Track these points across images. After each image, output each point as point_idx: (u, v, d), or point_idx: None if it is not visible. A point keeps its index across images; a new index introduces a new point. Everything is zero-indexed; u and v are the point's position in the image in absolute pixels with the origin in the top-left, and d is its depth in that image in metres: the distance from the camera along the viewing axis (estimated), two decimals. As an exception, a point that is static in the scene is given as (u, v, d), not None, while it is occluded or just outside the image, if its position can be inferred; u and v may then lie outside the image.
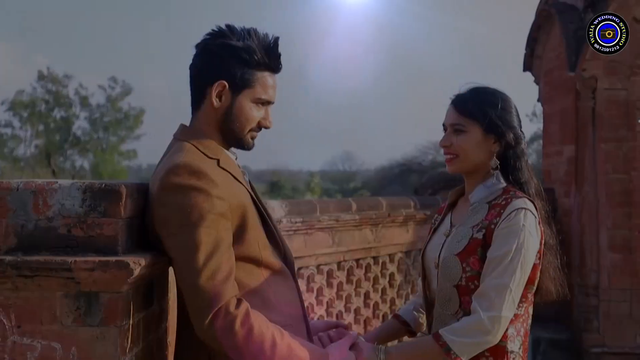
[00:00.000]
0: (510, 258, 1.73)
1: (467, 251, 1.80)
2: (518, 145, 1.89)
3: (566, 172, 5.84)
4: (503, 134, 1.86)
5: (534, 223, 1.79)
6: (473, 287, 1.78)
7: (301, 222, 3.43)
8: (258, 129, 1.82)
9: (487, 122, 1.86)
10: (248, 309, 1.59)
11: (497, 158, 1.88)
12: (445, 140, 1.91)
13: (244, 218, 1.69)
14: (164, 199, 1.62)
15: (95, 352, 1.58)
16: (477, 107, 1.88)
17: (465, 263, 1.80)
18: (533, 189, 1.88)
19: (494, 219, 1.80)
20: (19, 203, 1.62)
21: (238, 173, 1.78)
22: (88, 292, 1.58)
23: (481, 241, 1.79)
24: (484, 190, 1.89)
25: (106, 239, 1.62)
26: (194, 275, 1.57)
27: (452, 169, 1.91)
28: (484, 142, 1.87)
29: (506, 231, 1.76)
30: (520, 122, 1.94)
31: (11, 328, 1.59)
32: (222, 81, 1.73)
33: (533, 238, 1.78)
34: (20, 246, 1.62)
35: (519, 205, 1.78)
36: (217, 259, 1.58)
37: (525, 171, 1.89)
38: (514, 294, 1.73)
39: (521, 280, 1.76)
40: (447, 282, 1.84)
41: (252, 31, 1.76)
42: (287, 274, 1.85)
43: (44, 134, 36.77)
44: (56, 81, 36.28)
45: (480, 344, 1.72)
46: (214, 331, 1.57)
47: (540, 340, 5.42)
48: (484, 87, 1.94)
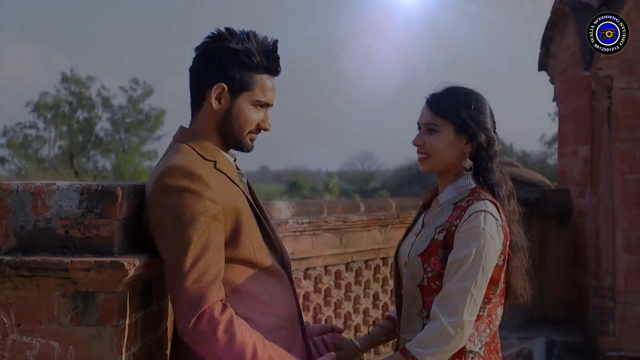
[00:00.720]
0: (471, 261, 1.73)
1: (429, 252, 1.82)
2: (490, 146, 1.89)
3: (581, 173, 5.77)
4: (475, 135, 1.87)
5: (494, 225, 1.79)
6: (435, 288, 1.81)
7: (308, 222, 3.43)
8: (257, 131, 1.83)
9: (460, 123, 1.86)
10: (232, 316, 1.60)
11: (470, 159, 1.88)
12: (418, 140, 1.92)
13: (238, 221, 1.71)
14: (157, 200, 1.64)
15: (92, 351, 1.61)
16: (450, 107, 1.88)
17: (427, 264, 1.82)
18: (504, 190, 1.89)
19: (455, 220, 1.82)
20: (18, 204, 1.66)
21: (235, 175, 1.80)
22: (85, 292, 1.61)
23: (442, 242, 1.81)
24: (453, 191, 1.90)
25: (102, 239, 1.64)
26: (180, 277, 1.58)
27: (424, 169, 1.92)
28: (456, 143, 1.88)
29: (466, 234, 1.77)
30: (494, 123, 1.94)
31: (11, 327, 1.63)
32: (221, 84, 1.74)
33: (494, 241, 1.78)
34: (20, 246, 1.65)
35: (479, 208, 1.79)
36: (205, 261, 1.59)
37: (497, 172, 1.89)
38: (476, 297, 1.74)
39: (483, 284, 1.76)
40: (411, 282, 1.86)
41: (252, 34, 1.77)
42: (283, 276, 1.86)
43: (68, 135, 37.28)
44: (79, 83, 36.77)
45: (448, 350, 1.73)
46: (196, 334, 1.58)
47: (554, 343, 5.37)
48: (459, 87, 1.94)
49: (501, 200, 1.87)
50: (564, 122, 6.31)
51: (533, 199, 5.87)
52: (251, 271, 1.74)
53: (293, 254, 3.45)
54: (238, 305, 1.70)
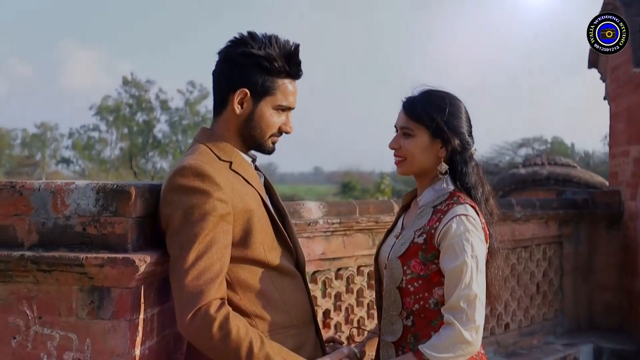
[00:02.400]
0: (469, 267, 1.76)
1: (408, 254, 1.84)
2: (465, 150, 1.89)
3: (633, 174, 5.54)
4: (449, 140, 1.87)
5: (478, 228, 1.81)
6: (412, 290, 1.83)
7: (339, 223, 3.44)
8: (279, 134, 1.86)
9: (434, 127, 1.87)
10: (229, 314, 1.62)
11: (446, 162, 1.89)
12: (394, 143, 1.93)
13: (249, 221, 1.74)
14: (168, 199, 1.69)
15: (107, 344, 1.67)
16: (424, 111, 1.88)
17: (406, 266, 1.84)
18: (480, 193, 1.89)
19: (435, 223, 1.83)
20: (40, 202, 1.74)
21: (251, 176, 1.83)
22: (100, 287, 1.67)
23: (422, 245, 1.83)
24: (432, 194, 1.91)
25: (117, 237, 1.70)
26: (181, 272, 1.62)
27: (401, 172, 1.94)
28: (430, 147, 1.89)
29: (455, 241, 1.77)
30: (470, 127, 1.94)
31: (33, 319, 1.71)
32: (244, 89, 1.78)
33: (482, 243, 1.82)
34: (42, 242, 1.73)
35: (460, 212, 1.80)
36: (208, 259, 1.63)
37: (473, 176, 1.89)
38: (482, 299, 1.77)
39: (483, 284, 1.80)
40: (391, 284, 1.88)
41: (274, 38, 1.79)
42: (296, 275, 1.88)
43: (128, 136, 38.54)
44: (139, 86, 37.95)
45: (463, 355, 1.74)
46: (192, 329, 1.61)
47: (602, 351, 5.18)
48: (434, 90, 1.93)
49: (478, 202, 1.88)
50: (615, 121, 6.08)
51: (581, 200, 5.67)
52: (262, 270, 1.77)
53: (324, 254, 3.46)
54: (249, 303, 1.74)
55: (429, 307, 1.83)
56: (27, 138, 43.04)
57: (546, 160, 9.62)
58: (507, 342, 4.90)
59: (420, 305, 1.84)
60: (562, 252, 5.50)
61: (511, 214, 4.79)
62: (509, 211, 4.77)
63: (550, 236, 5.34)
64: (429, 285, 1.82)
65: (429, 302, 1.83)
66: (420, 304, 1.83)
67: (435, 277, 1.82)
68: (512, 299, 4.99)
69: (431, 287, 1.82)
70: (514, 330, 4.99)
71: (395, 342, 1.88)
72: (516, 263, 5.04)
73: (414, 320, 1.85)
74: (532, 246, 5.19)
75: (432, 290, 1.82)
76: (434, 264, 1.82)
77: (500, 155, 30.09)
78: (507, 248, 1.88)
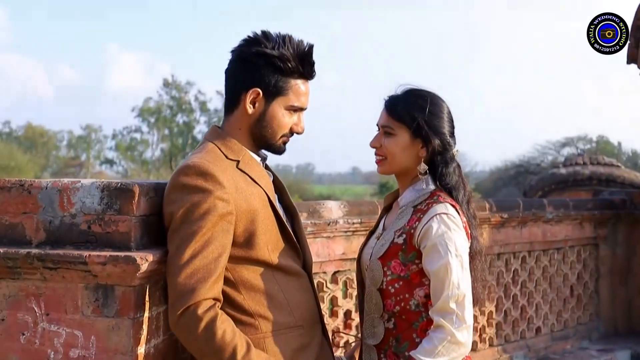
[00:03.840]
0: (455, 266, 1.73)
1: (388, 255, 1.82)
2: (445, 151, 1.86)
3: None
4: (429, 139, 1.83)
5: (460, 225, 1.79)
6: (393, 291, 1.81)
7: (359, 222, 3.40)
8: (290, 134, 1.85)
9: (415, 126, 1.84)
10: (216, 316, 1.61)
11: (427, 162, 1.86)
12: (375, 142, 1.91)
13: (253, 221, 1.72)
14: (171, 197, 1.69)
15: (111, 342, 1.68)
16: (405, 110, 1.85)
17: (387, 267, 1.82)
18: (462, 194, 1.86)
19: (414, 223, 1.80)
20: (47, 200, 1.76)
21: (259, 175, 1.81)
22: (104, 284, 1.68)
23: (401, 246, 1.80)
24: (413, 194, 1.89)
25: (121, 235, 1.71)
26: (175, 270, 1.62)
27: (381, 171, 1.92)
28: (411, 147, 1.86)
29: (438, 240, 1.75)
30: (452, 127, 1.90)
31: (41, 315, 1.74)
32: (256, 89, 1.77)
33: (465, 241, 1.80)
34: (49, 240, 1.76)
35: (440, 211, 1.78)
36: (203, 258, 1.62)
37: (454, 177, 1.86)
38: (470, 298, 1.74)
39: (470, 282, 1.77)
40: (372, 286, 1.85)
41: (287, 38, 1.77)
42: (302, 275, 1.86)
43: (169, 137, 39.24)
44: (179, 88, 38.62)
45: (457, 358, 1.71)
46: (179, 327, 1.62)
47: (640, 356, 5.00)
48: (417, 89, 1.90)
49: (460, 203, 1.85)
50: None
51: (618, 201, 5.48)
52: (266, 270, 1.75)
53: (344, 254, 3.43)
54: (253, 303, 1.73)
55: (410, 309, 1.80)
56: (73, 139, 44.32)
57: (588, 159, 9.34)
58: (539, 347, 4.77)
59: (401, 306, 1.81)
60: (598, 254, 5.32)
61: (542, 215, 4.66)
62: (540, 212, 4.65)
63: (585, 238, 5.18)
64: (409, 286, 1.80)
65: (409, 303, 1.80)
66: (401, 306, 1.81)
67: (416, 278, 1.79)
68: (544, 302, 4.86)
69: (412, 288, 1.80)
70: (546, 334, 4.86)
71: (377, 345, 1.86)
72: (548, 265, 4.90)
73: (396, 322, 1.83)
74: (565, 248, 5.04)
75: (413, 291, 1.80)
76: (414, 265, 1.79)
77: (542, 155, 29.45)
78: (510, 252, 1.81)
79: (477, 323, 4.26)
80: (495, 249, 4.37)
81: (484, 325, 4.37)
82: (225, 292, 1.71)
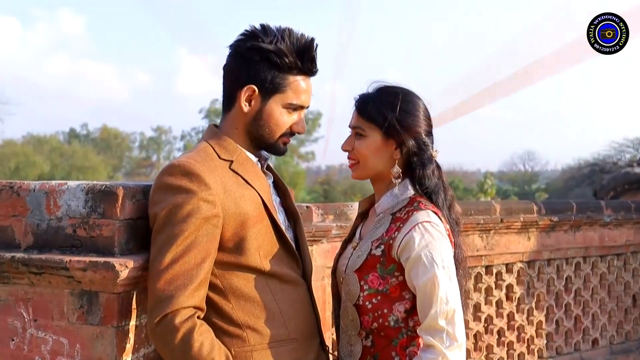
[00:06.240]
0: (442, 279, 1.57)
1: (365, 268, 1.67)
2: (422, 152, 1.69)
3: None
4: (402, 140, 1.68)
5: (444, 233, 1.65)
6: (370, 307, 1.67)
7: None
8: (290, 135, 1.74)
9: (386, 126, 1.68)
10: (194, 327, 1.51)
11: (403, 165, 1.70)
12: (346, 145, 1.77)
13: (243, 226, 1.62)
14: (155, 197, 1.61)
15: (95, 350, 1.62)
16: (376, 109, 1.70)
17: (364, 281, 1.67)
18: (442, 198, 1.69)
19: (393, 233, 1.65)
20: (35, 203, 1.72)
21: (253, 177, 1.71)
22: (89, 291, 1.62)
23: (379, 258, 1.66)
24: (390, 200, 1.73)
25: (105, 239, 1.65)
26: (154, 275, 1.53)
27: (354, 175, 1.78)
28: (384, 148, 1.71)
29: (424, 252, 1.59)
30: (429, 126, 1.73)
31: (29, 321, 1.69)
32: (252, 86, 1.68)
33: (450, 249, 1.66)
34: (36, 244, 1.71)
35: (422, 219, 1.62)
36: (184, 264, 1.53)
37: (433, 179, 1.70)
38: (460, 312, 1.61)
39: (458, 294, 1.62)
40: (347, 301, 1.72)
41: (287, 32, 1.67)
42: (300, 284, 1.74)
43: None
44: (243, 90, 39.33)
45: None
46: (155, 335, 1.53)
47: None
48: (389, 86, 1.74)
49: (441, 208, 1.69)
50: None
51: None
52: (258, 278, 1.65)
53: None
54: (242, 313, 1.62)
55: (389, 325, 1.65)
56: (145, 141, 45.92)
57: (667, 157, 8.72)
58: (596, 360, 4.45)
59: (379, 323, 1.66)
60: (665, 261, 4.92)
61: (599, 218, 4.34)
62: (597, 215, 4.33)
63: (650, 243, 4.80)
64: (388, 301, 1.65)
65: (388, 319, 1.65)
66: (379, 322, 1.66)
67: (396, 292, 1.64)
68: (602, 312, 4.52)
69: (391, 303, 1.64)
70: (604, 347, 4.52)
71: None
72: (606, 272, 4.57)
73: (373, 340, 1.68)
74: (626, 254, 4.69)
75: (392, 306, 1.64)
76: (394, 277, 1.63)
77: (619, 153, 28.08)
78: (558, 258, 1.62)
79: (524, 333, 4.00)
80: (545, 255, 4.09)
81: (532, 335, 4.10)
82: (213, 301, 1.61)
